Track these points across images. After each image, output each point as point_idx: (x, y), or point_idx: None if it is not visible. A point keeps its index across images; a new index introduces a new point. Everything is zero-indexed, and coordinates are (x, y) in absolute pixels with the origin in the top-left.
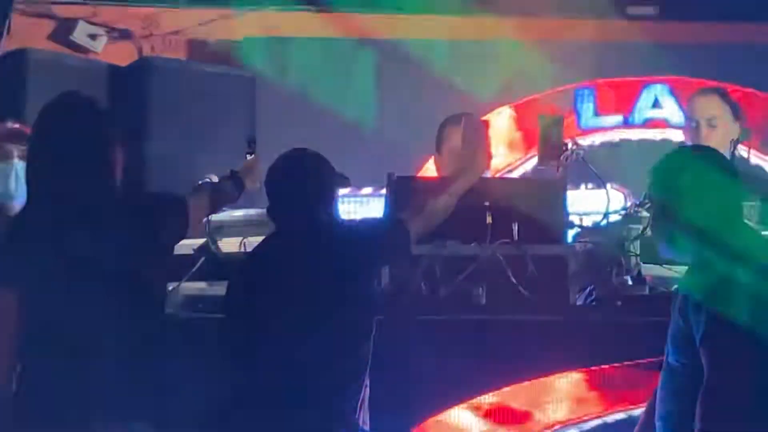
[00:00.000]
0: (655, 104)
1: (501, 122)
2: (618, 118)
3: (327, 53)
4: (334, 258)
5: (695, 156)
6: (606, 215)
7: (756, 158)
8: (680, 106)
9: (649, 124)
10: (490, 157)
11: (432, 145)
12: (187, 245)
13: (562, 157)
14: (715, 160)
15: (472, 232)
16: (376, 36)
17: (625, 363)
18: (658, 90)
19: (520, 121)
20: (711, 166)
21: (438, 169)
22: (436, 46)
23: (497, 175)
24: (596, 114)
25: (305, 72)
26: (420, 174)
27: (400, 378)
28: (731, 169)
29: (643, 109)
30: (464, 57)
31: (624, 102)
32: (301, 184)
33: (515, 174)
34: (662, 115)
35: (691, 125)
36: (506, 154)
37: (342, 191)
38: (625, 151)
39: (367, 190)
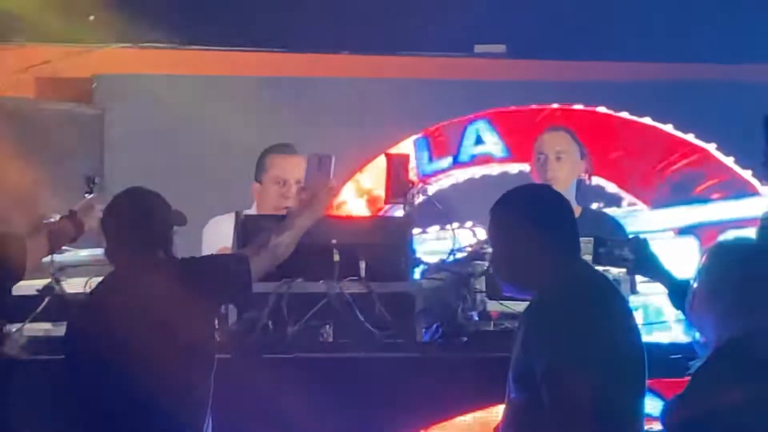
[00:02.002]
0: (478, 141)
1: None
2: (449, 160)
3: (176, 90)
4: (172, 297)
5: (532, 193)
6: (452, 252)
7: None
8: (500, 139)
9: (476, 161)
10: (334, 193)
11: None
12: (31, 286)
13: (408, 195)
14: (550, 197)
15: (319, 270)
16: (227, 73)
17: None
18: (480, 126)
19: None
20: (545, 203)
21: (257, 199)
22: (284, 83)
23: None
24: (431, 160)
25: (155, 108)
26: None
27: (246, 417)
28: (566, 206)
29: (468, 147)
30: (302, 93)
31: (452, 143)
32: (137, 224)
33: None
34: (486, 150)
35: (539, 159)
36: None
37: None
38: (476, 188)
39: None
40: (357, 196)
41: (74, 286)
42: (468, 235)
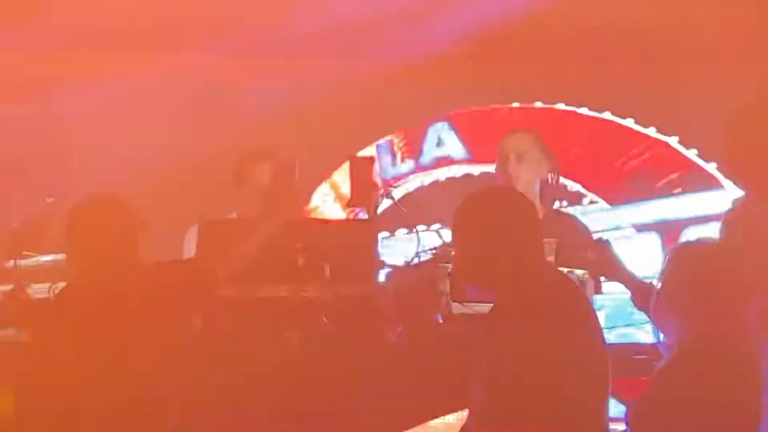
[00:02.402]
0: (439, 143)
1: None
2: (411, 163)
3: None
4: (136, 302)
5: (494, 195)
6: (417, 255)
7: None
8: (460, 141)
9: (437, 163)
10: (299, 197)
11: None
12: None
13: (373, 198)
14: (512, 199)
15: (284, 274)
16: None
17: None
18: (441, 128)
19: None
20: (507, 205)
21: (237, 204)
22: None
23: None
24: (394, 164)
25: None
26: None
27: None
28: (528, 207)
29: (430, 149)
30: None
31: (415, 146)
32: (99, 229)
33: None
34: (446, 152)
35: (501, 160)
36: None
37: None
38: (443, 191)
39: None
40: (334, 201)
41: (38, 291)
42: (434, 238)
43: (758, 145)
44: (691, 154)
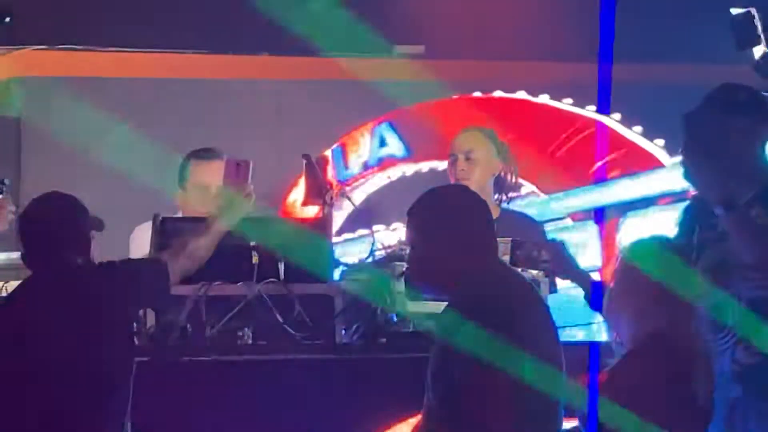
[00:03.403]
0: (382, 143)
1: None
2: (360, 164)
3: (96, 93)
4: (89, 301)
5: (447, 194)
6: (371, 253)
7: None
8: (401, 140)
9: (383, 163)
10: (251, 196)
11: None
12: None
13: (326, 197)
14: (465, 198)
15: (238, 272)
16: (148, 75)
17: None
18: (383, 128)
19: None
20: (460, 203)
21: (181, 205)
22: (206, 85)
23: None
24: (345, 167)
25: (76, 112)
26: None
27: (164, 421)
28: (482, 206)
29: (375, 150)
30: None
31: (363, 147)
32: (53, 228)
33: None
34: (389, 152)
35: (451, 159)
36: None
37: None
38: (400, 191)
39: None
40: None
41: None
42: (390, 237)
43: None
44: (631, 133)
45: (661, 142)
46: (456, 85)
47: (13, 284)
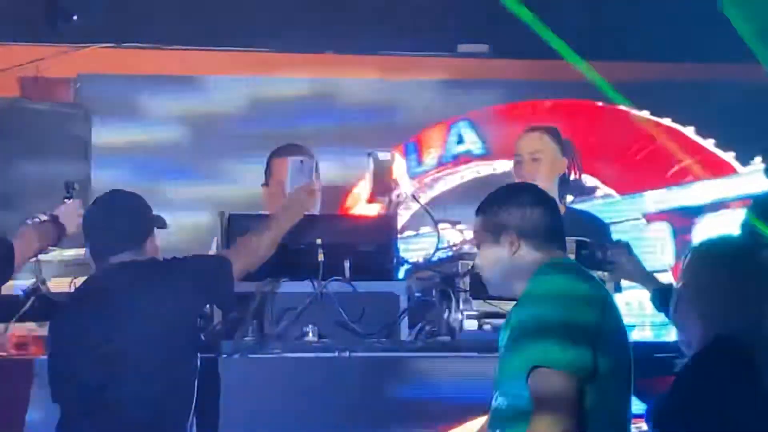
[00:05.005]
0: (460, 140)
1: None
2: (434, 161)
3: (160, 90)
4: (154, 297)
5: (517, 192)
6: (436, 251)
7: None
8: (479, 138)
9: (458, 160)
10: (316, 193)
11: None
12: (16, 286)
13: (393, 194)
14: (535, 195)
15: (304, 269)
16: (218, 73)
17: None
18: (462, 125)
19: None
20: (530, 201)
21: (267, 201)
22: (275, 82)
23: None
24: (419, 163)
25: (142, 109)
26: None
27: (230, 417)
28: (551, 204)
29: (451, 147)
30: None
31: (438, 144)
32: (117, 225)
33: None
34: (466, 148)
35: (516, 160)
36: None
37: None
38: (468, 189)
39: None
40: None
41: (59, 286)
42: (456, 235)
43: None
44: (706, 142)
45: (732, 154)
46: (521, 84)
47: (81, 280)
